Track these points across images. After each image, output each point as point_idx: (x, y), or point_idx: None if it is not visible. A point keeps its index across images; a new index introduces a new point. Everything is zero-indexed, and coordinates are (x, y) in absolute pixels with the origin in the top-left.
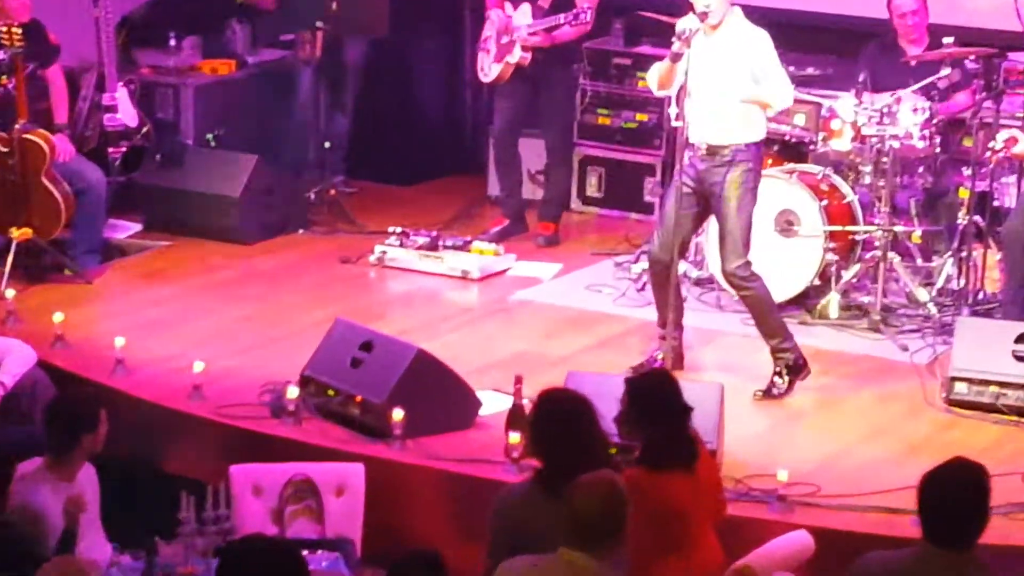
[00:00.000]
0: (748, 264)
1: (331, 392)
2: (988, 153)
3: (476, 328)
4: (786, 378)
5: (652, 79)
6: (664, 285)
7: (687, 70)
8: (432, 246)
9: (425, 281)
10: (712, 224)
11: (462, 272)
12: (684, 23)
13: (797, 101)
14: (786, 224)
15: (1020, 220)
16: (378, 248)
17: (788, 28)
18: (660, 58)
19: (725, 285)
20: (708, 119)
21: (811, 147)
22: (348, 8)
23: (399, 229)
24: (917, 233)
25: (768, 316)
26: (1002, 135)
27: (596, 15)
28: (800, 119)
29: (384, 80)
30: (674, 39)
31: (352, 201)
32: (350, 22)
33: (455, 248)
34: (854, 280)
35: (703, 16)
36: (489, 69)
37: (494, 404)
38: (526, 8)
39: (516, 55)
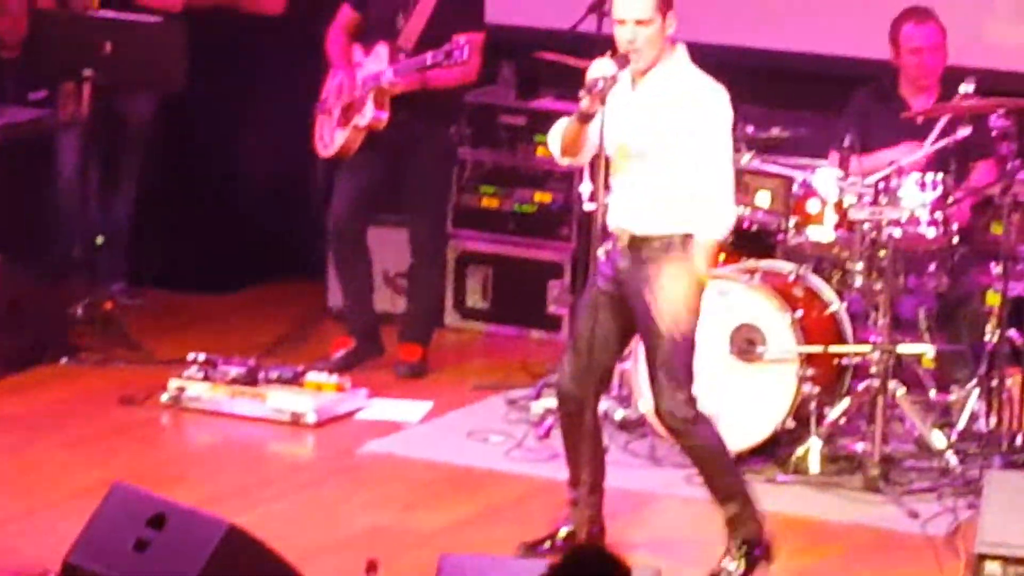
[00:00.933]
0: (692, 401)
1: None
2: None
3: (312, 493)
4: (741, 561)
5: (554, 143)
6: (577, 430)
7: (602, 133)
8: (250, 380)
9: (240, 428)
10: (641, 345)
11: (292, 416)
12: (597, 69)
13: (761, 174)
14: (746, 344)
15: None
16: (173, 383)
17: (747, 73)
18: (565, 115)
19: (661, 430)
20: (633, 200)
21: (780, 237)
22: (128, 51)
23: (203, 357)
24: (929, 354)
25: (721, 472)
26: None
27: (482, 58)
28: (764, 199)
29: (181, 151)
30: (582, 92)
31: (136, 318)
32: (131, 70)
33: (282, 382)
34: (842, 421)
35: (624, 60)
36: (332, 138)
37: None
38: (381, 51)
39: (368, 115)
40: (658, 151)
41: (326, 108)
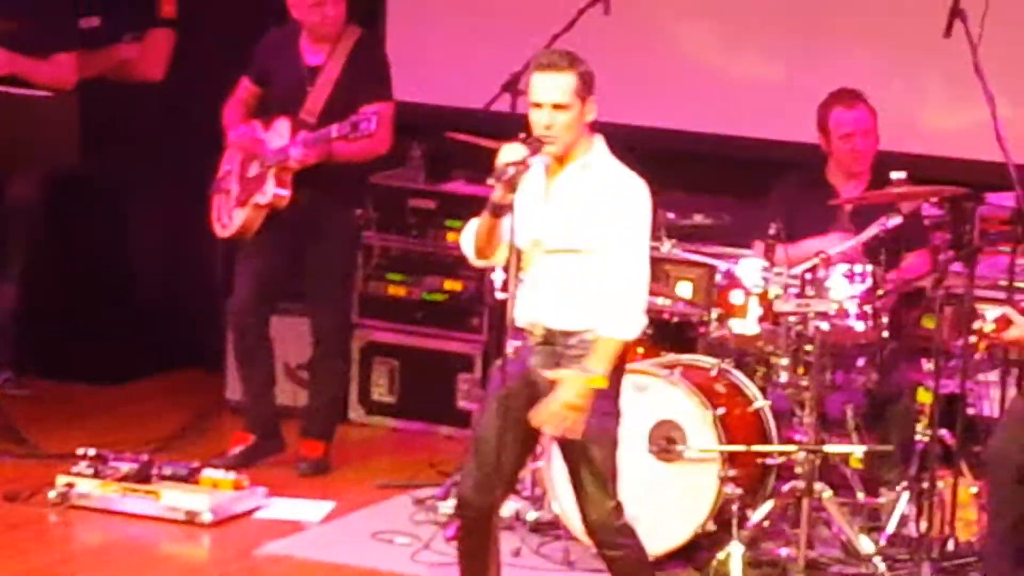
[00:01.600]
0: (620, 508)
1: None
2: (972, 340)
3: None
4: None
5: (468, 243)
6: (479, 541)
7: (514, 223)
8: (143, 476)
9: (132, 528)
10: (554, 445)
11: (187, 514)
12: (507, 154)
13: (682, 263)
14: (666, 442)
15: (1011, 437)
16: (61, 479)
17: (669, 156)
18: (478, 200)
19: (581, 535)
20: (547, 294)
21: (702, 330)
22: (11, 124)
23: (93, 451)
24: (857, 454)
25: None
26: (991, 313)
27: (393, 130)
28: (686, 289)
29: (72, 232)
30: (491, 180)
31: (22, 409)
32: (16, 145)
33: (176, 479)
34: (766, 524)
35: (537, 144)
36: (230, 217)
37: None
38: (282, 125)
39: (269, 193)
40: (574, 245)
41: (223, 187)
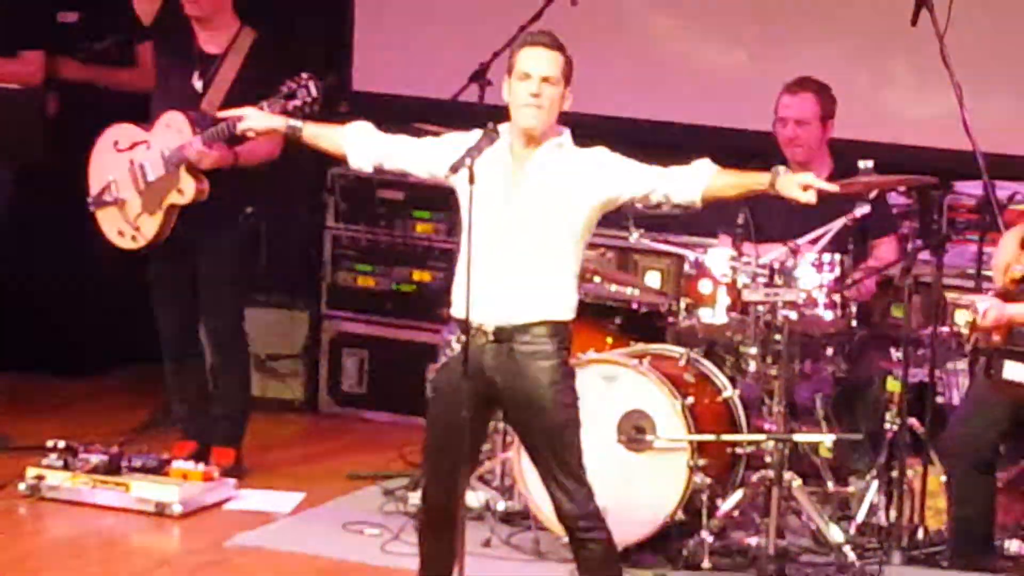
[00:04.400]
0: (592, 495)
1: None
2: (963, 331)
3: None
4: None
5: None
6: (441, 536)
7: (470, 213)
8: (112, 468)
9: (102, 519)
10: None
11: (157, 506)
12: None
13: (651, 253)
14: (634, 432)
15: (971, 424)
16: (31, 472)
17: (637, 145)
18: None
19: (551, 525)
20: (503, 287)
21: (670, 319)
22: None
23: (63, 444)
24: (826, 443)
25: (610, 569)
26: (981, 303)
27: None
28: (653, 279)
29: (39, 226)
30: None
31: None
32: None
33: (146, 471)
34: (735, 513)
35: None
36: (137, 226)
37: None
38: (177, 120)
39: (189, 190)
40: (544, 223)
41: (109, 200)
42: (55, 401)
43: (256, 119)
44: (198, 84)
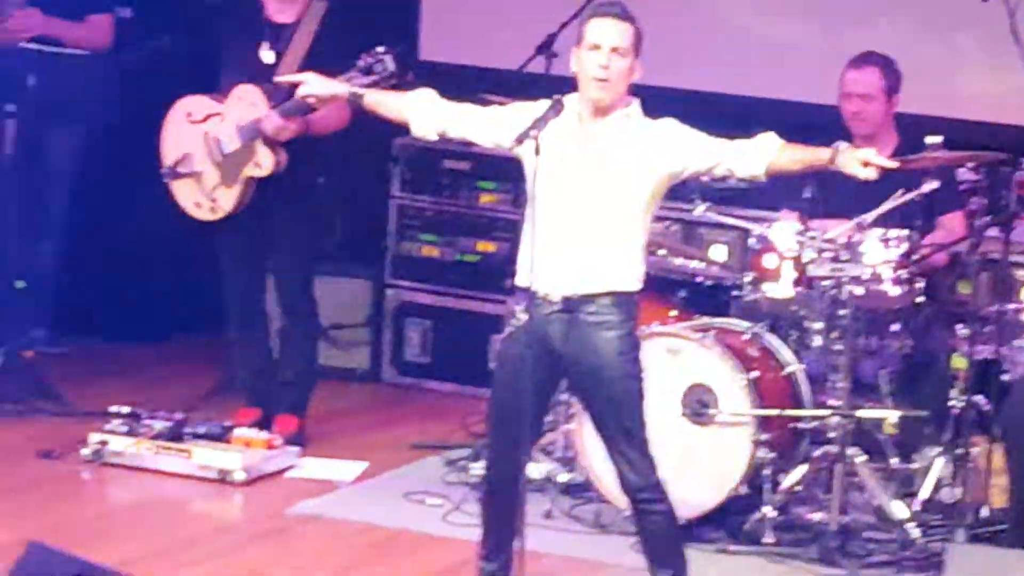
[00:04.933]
0: (655, 465)
1: None
2: None
3: (238, 557)
4: None
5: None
6: (503, 506)
7: (535, 183)
8: (175, 435)
9: (164, 485)
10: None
11: (219, 473)
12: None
13: (716, 227)
14: (698, 405)
15: None
16: (95, 437)
17: (702, 119)
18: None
19: (612, 498)
20: (569, 258)
21: (735, 294)
22: (54, 85)
23: (127, 410)
24: (891, 420)
25: (671, 542)
26: None
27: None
28: (719, 253)
29: (111, 191)
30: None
31: (58, 368)
32: (56, 106)
33: (209, 438)
34: (798, 488)
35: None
36: (214, 198)
37: None
38: (251, 93)
39: (267, 163)
40: (604, 204)
41: (186, 171)
42: (120, 367)
43: (317, 85)
44: (269, 55)
